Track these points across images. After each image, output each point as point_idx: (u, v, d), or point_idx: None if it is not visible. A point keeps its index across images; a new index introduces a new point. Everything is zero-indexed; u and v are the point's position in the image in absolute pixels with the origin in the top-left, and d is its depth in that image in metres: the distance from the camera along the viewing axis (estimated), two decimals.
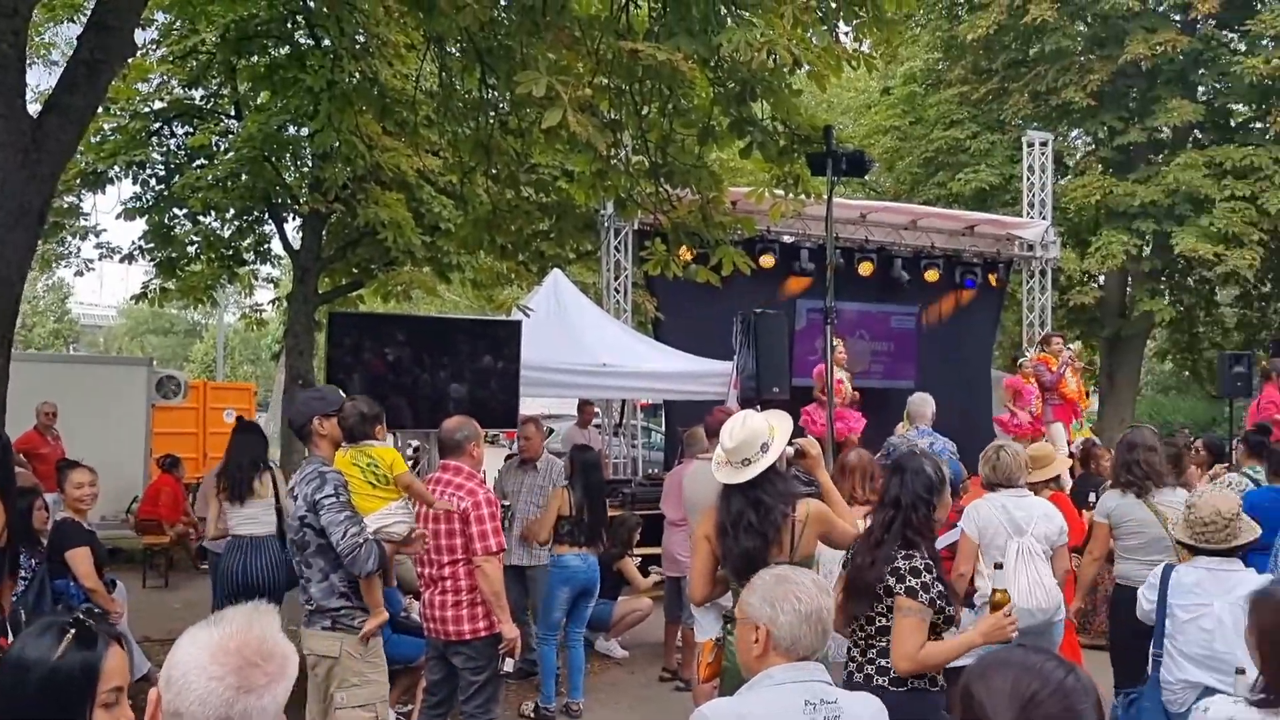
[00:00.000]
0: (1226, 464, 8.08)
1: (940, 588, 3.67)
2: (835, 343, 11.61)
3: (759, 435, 3.93)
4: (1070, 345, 13.96)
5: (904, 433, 8.60)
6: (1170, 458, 6.47)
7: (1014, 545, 5.01)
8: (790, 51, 4.92)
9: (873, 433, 11.39)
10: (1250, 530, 4.05)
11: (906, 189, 24.00)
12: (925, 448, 7.90)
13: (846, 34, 6.45)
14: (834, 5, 5.94)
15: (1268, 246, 20.02)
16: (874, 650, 3.75)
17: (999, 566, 4.34)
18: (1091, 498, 8.54)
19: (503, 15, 6.25)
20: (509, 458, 9.93)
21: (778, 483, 3.96)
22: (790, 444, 4.16)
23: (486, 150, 6.83)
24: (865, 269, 13.88)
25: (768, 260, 13.06)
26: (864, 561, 3.77)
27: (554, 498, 7.17)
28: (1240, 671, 2.86)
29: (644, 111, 6.49)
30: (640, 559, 9.26)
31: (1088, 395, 14.51)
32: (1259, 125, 21.71)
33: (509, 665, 5.29)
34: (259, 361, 49.13)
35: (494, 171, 7.25)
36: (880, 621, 3.72)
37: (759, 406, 9.47)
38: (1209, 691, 3.84)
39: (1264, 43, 20.90)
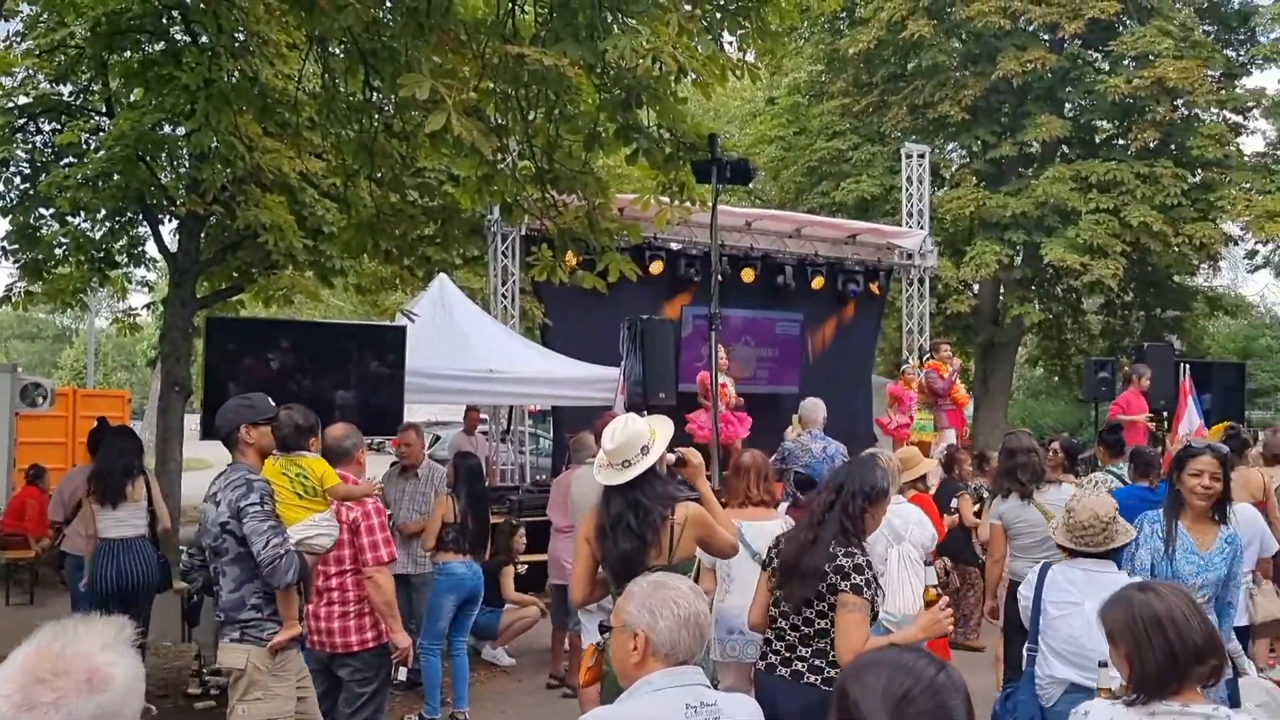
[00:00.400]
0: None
1: (876, 584, 3.79)
2: (719, 349, 11.80)
3: (640, 438, 3.96)
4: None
5: (796, 436, 8.73)
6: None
7: (894, 552, 5.13)
8: (675, 59, 4.97)
9: (759, 437, 11.59)
10: (1126, 533, 4.24)
11: (791, 198, 24.47)
12: (819, 451, 8.09)
13: (731, 43, 6.56)
14: (719, 15, 6.03)
15: (1129, 257, 20.98)
16: (807, 649, 3.82)
17: (929, 563, 4.46)
18: (954, 503, 8.84)
19: (386, 16, 6.17)
20: (392, 465, 9.80)
21: (657, 485, 3.98)
22: (672, 451, 4.20)
23: (370, 153, 6.73)
24: (750, 276, 14.10)
25: (656, 267, 13.18)
26: (807, 538, 3.84)
27: (438, 504, 7.10)
28: (1104, 664, 2.97)
29: (530, 116, 6.48)
30: (527, 566, 9.22)
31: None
32: (1121, 142, 22.77)
33: (401, 674, 5.23)
34: (134, 368, 47.45)
35: (378, 175, 7.14)
36: (819, 623, 3.79)
37: (646, 413, 9.59)
38: (1075, 688, 4.01)
39: (1126, 63, 21.95)
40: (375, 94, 6.74)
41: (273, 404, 4.74)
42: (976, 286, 23.30)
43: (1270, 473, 7.65)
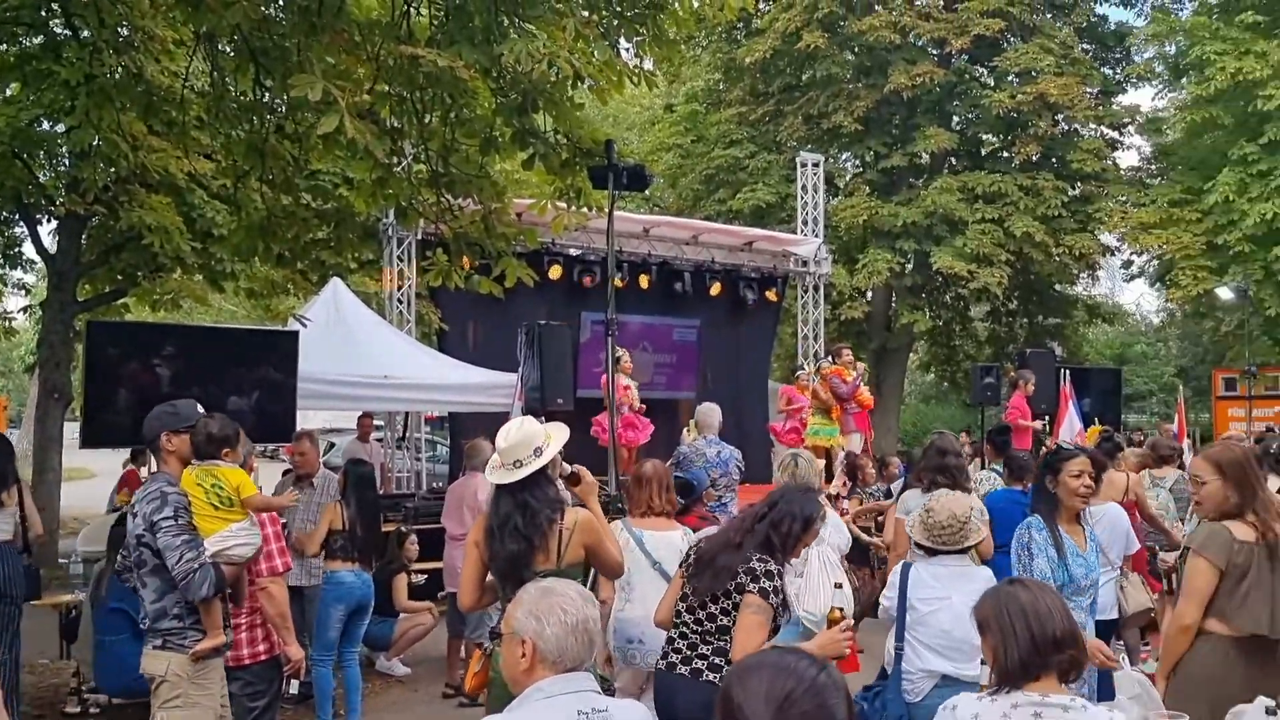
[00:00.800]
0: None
1: (783, 597, 3.86)
2: (620, 352, 11.84)
3: (534, 439, 3.96)
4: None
5: (692, 441, 8.81)
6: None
7: (814, 553, 5.20)
8: (571, 64, 4.98)
9: (657, 443, 11.67)
10: (978, 532, 4.40)
11: (689, 205, 24.69)
12: (713, 455, 8.17)
13: (628, 50, 6.60)
14: (615, 22, 6.06)
15: (1013, 266, 21.71)
16: (708, 647, 3.86)
17: (839, 586, 4.54)
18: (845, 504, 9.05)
19: (277, 14, 6.05)
20: (286, 473, 9.58)
21: (547, 488, 3.98)
22: (570, 465, 4.24)
23: (261, 154, 6.57)
24: (647, 282, 14.18)
25: (554, 272, 13.16)
26: (733, 540, 3.90)
27: (326, 511, 6.95)
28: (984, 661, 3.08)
29: (426, 119, 6.42)
30: (425, 576, 9.12)
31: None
32: (1006, 154, 23.55)
33: (294, 687, 5.13)
34: (10, 374, 45.45)
35: (269, 176, 6.98)
36: (721, 620, 3.83)
37: (544, 419, 9.56)
38: (947, 679, 4.15)
39: (1010, 79, 22.72)
40: (266, 94, 6.60)
41: (199, 411, 4.64)
42: (869, 293, 23.82)
43: (1161, 474, 8.07)
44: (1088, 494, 4.47)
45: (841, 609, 3.96)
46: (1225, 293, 21.57)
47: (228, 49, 6.69)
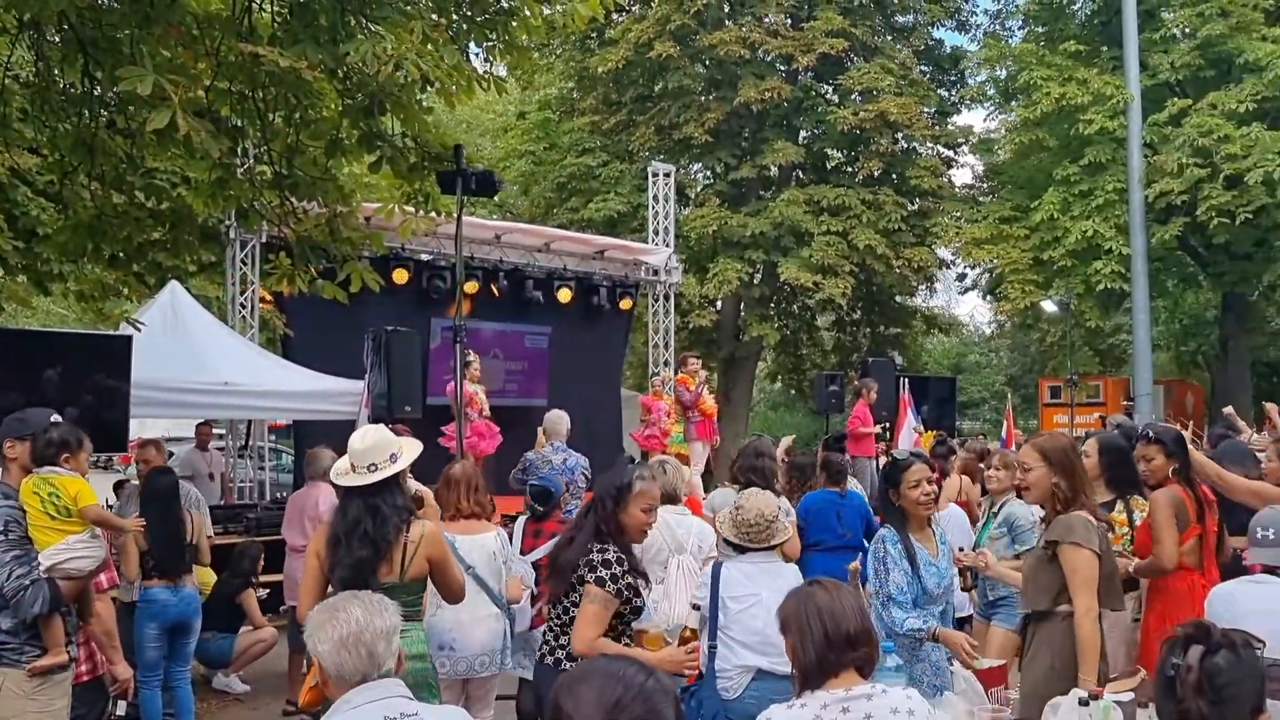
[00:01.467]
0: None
1: (630, 580, 3.90)
2: (471, 357, 11.73)
3: (390, 445, 3.94)
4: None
5: (539, 448, 8.80)
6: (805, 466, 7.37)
7: (674, 562, 5.26)
8: (418, 67, 4.92)
9: (508, 451, 11.59)
10: (785, 531, 4.55)
11: (541, 212, 24.66)
12: (560, 463, 8.19)
13: (477, 55, 6.57)
14: (465, 26, 6.02)
15: (857, 277, 22.44)
16: (566, 638, 3.96)
17: (696, 608, 4.58)
18: None
19: (108, 2, 5.78)
20: (119, 484, 9.15)
21: (399, 497, 3.96)
22: (418, 483, 4.23)
23: (90, 150, 6.27)
24: (499, 289, 14.11)
25: (402, 277, 12.95)
26: (566, 539, 4.08)
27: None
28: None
29: (269, 119, 6.24)
30: (268, 590, 8.85)
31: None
32: (849, 169, 24.34)
33: (121, 708, 4.92)
34: None
35: (99, 173, 6.66)
36: (573, 612, 3.95)
37: (391, 426, 9.40)
38: (763, 674, 4.25)
39: (853, 96, 23.49)
40: (96, 86, 6.30)
41: (53, 419, 4.43)
42: (719, 303, 24.24)
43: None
44: (929, 501, 4.44)
45: (694, 630, 4.08)
46: (1049, 306, 22.79)
47: (54, 37, 6.37)
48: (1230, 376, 23.48)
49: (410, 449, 4.06)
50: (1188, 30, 20.94)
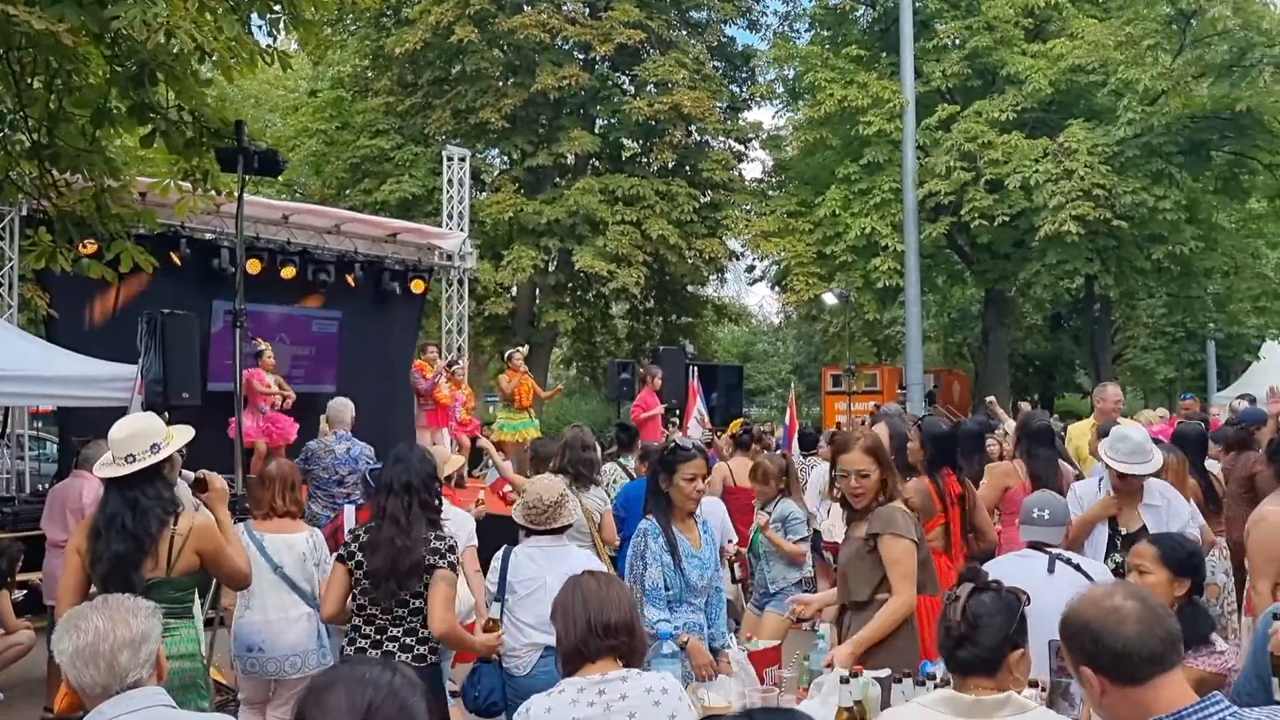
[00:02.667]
0: None
1: (456, 558, 4.09)
2: (263, 345, 11.28)
3: (152, 435, 3.75)
4: (516, 352, 14.69)
5: (322, 437, 8.57)
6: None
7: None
8: (192, 37, 4.70)
9: (299, 439, 11.23)
10: (569, 515, 4.62)
11: (333, 193, 23.95)
12: (343, 452, 8.00)
13: (261, 28, 6.32)
14: None
15: (650, 267, 22.85)
16: (398, 629, 4.01)
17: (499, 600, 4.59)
18: None
19: None
20: None
21: (162, 489, 3.79)
22: (193, 471, 4.06)
23: None
24: (288, 272, 13.60)
25: (183, 257, 12.31)
26: (401, 543, 3.97)
27: None
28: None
29: (29, 83, 5.82)
30: (24, 592, 8.26)
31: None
32: (644, 160, 24.75)
33: None
34: None
35: None
36: (413, 603, 3.99)
37: (168, 414, 8.93)
38: (549, 650, 4.24)
39: (649, 88, 23.88)
40: None
41: None
42: (515, 289, 24.19)
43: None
44: (699, 496, 4.39)
45: (497, 620, 4.15)
46: (830, 298, 23.83)
47: None
48: (990, 367, 25.23)
49: (178, 438, 3.88)
50: (958, 41, 22.29)
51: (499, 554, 4.66)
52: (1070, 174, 19.26)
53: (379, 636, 4.01)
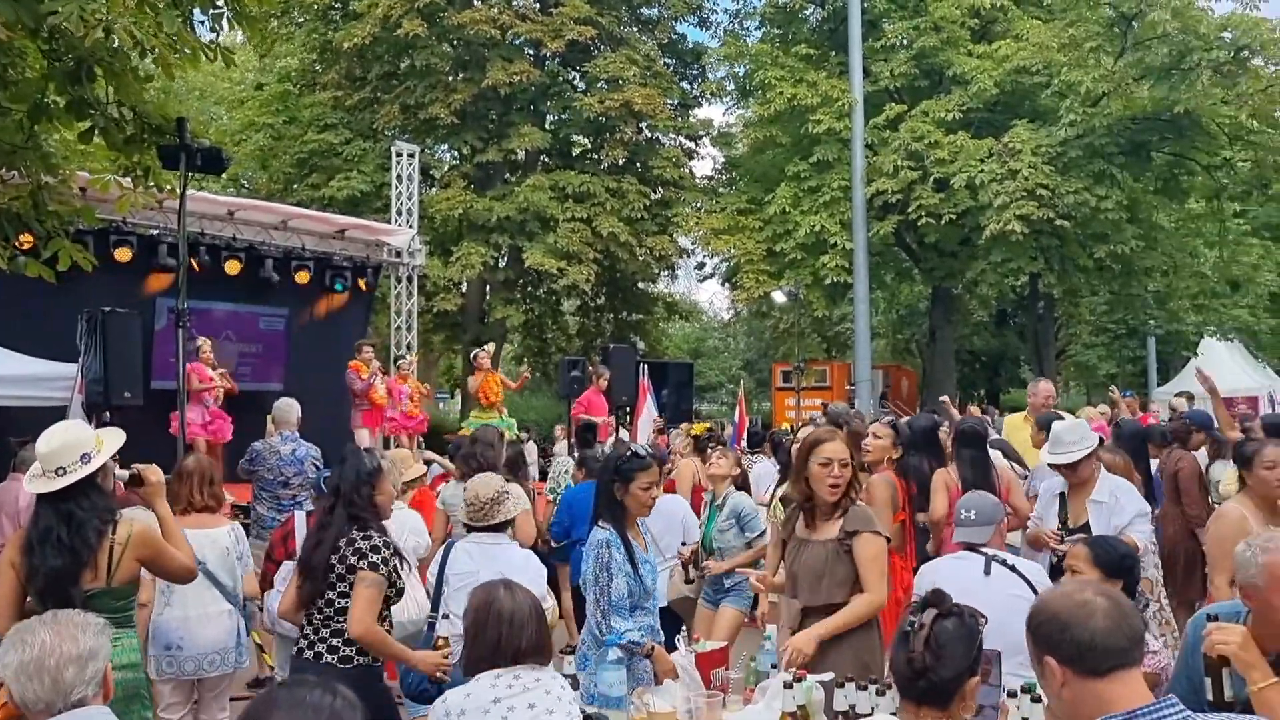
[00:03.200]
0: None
1: (396, 563, 3.99)
2: (201, 340, 11.12)
3: (81, 445, 3.64)
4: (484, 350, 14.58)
5: (270, 438, 8.46)
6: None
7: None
8: (131, 33, 4.62)
9: (241, 438, 11.08)
10: (507, 512, 4.72)
11: (280, 189, 23.66)
12: (288, 453, 7.89)
13: (203, 23, 6.23)
14: None
15: (601, 264, 22.83)
16: (327, 630, 3.94)
17: (445, 617, 4.59)
18: None
19: None
20: None
21: (96, 498, 3.70)
22: (127, 468, 3.98)
23: None
24: (233, 268, 13.42)
25: (125, 254, 12.11)
26: (311, 544, 4.02)
27: None
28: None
29: None
30: None
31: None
32: (595, 156, 24.71)
33: None
34: None
35: None
36: (340, 603, 3.92)
37: (109, 414, 8.76)
38: None
39: (599, 85, 23.84)
40: None
41: None
42: (464, 286, 24.06)
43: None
44: (653, 504, 4.37)
45: (446, 638, 4.11)
46: (779, 296, 23.98)
47: None
48: (938, 363, 25.54)
49: (110, 443, 3.79)
50: (906, 41, 22.50)
51: (441, 549, 4.76)
52: (1014, 174, 19.52)
53: (313, 637, 4.00)
